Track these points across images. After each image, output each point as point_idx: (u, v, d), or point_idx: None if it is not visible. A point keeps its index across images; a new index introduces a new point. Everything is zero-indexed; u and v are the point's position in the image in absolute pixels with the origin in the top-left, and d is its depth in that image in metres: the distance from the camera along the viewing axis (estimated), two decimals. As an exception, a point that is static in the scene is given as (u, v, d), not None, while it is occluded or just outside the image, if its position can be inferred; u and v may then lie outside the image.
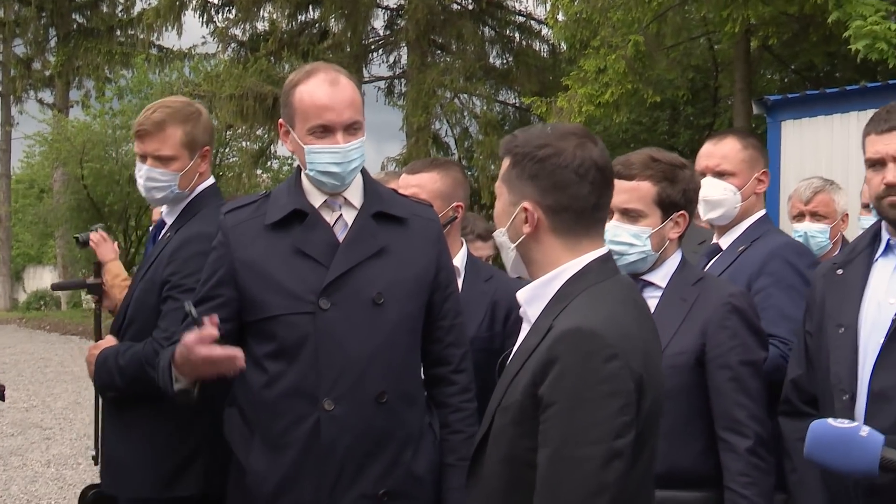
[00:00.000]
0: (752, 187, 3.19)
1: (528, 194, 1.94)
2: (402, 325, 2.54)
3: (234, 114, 17.82)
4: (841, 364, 2.44)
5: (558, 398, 1.77)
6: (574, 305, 1.88)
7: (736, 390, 2.47)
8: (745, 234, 3.17)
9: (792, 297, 2.89)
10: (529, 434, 1.82)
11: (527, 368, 1.86)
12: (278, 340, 2.46)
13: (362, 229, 2.54)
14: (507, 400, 1.90)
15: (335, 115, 2.48)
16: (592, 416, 1.75)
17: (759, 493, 2.42)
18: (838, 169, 9.28)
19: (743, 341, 2.51)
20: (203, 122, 3.06)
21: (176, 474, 2.85)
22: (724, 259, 3.14)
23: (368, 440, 2.46)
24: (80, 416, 10.25)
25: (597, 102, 13.01)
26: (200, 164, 3.06)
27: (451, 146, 19.88)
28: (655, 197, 2.58)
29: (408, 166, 3.36)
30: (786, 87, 16.40)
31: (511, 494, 1.88)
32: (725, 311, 2.52)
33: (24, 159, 29.36)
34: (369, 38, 20.45)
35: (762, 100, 10.82)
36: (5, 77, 27.92)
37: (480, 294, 3.15)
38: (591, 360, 1.77)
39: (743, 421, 2.46)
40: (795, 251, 3.08)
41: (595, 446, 1.74)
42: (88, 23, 26.33)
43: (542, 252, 1.97)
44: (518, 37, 20.37)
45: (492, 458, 1.93)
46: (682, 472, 2.48)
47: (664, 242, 2.62)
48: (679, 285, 2.61)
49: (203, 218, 2.99)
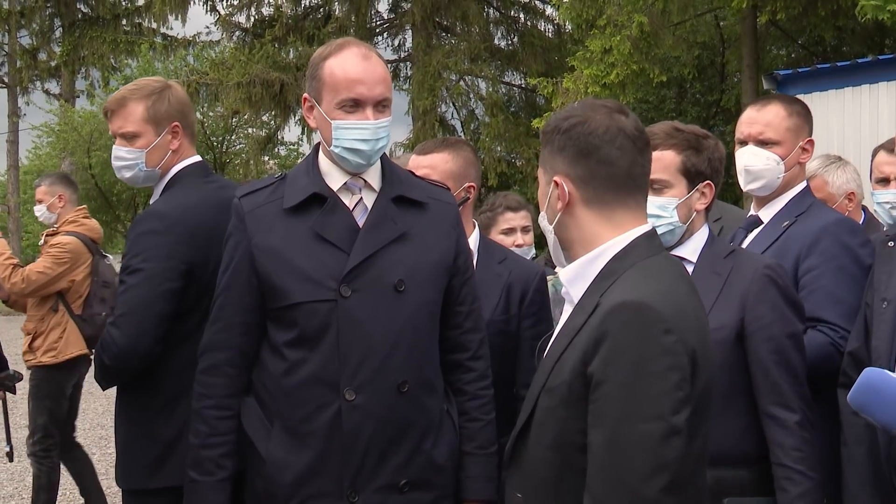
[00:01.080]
0: (796, 157, 3.02)
1: (559, 168, 1.91)
2: (423, 311, 2.50)
3: (242, 101, 17.85)
4: (881, 338, 2.42)
5: (612, 375, 1.71)
6: (623, 280, 1.82)
7: (779, 363, 2.41)
8: (787, 207, 3.01)
9: (843, 279, 2.77)
10: (579, 415, 1.77)
11: (574, 347, 1.81)
12: (299, 328, 2.42)
13: (383, 214, 2.49)
14: (553, 381, 1.84)
15: (367, 89, 2.41)
16: (649, 392, 1.69)
17: (811, 468, 2.37)
18: (850, 142, 9.31)
19: (783, 313, 2.45)
20: (170, 98, 3.00)
21: (157, 464, 2.83)
22: (768, 234, 2.98)
23: (390, 429, 2.43)
24: (93, 406, 10.23)
25: (602, 83, 12.98)
26: (171, 140, 2.99)
27: (457, 128, 19.89)
28: (680, 166, 2.53)
29: (418, 147, 3.29)
30: (793, 62, 16.33)
31: (561, 481, 1.82)
32: (764, 283, 2.45)
33: (32, 150, 29.42)
34: (374, 22, 20.44)
35: (772, 74, 10.84)
36: (11, 68, 27.95)
37: (495, 276, 3.10)
38: (645, 334, 1.71)
39: (790, 395, 2.40)
40: (848, 229, 2.90)
41: (653, 422, 1.68)
42: (93, 12, 26.34)
43: (577, 228, 1.92)
44: (523, 17, 20.36)
45: (538, 444, 1.87)
46: (726, 450, 2.42)
47: (691, 214, 2.56)
48: (710, 259, 2.55)
49: (167, 196, 2.96)
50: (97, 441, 8.58)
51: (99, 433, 8.92)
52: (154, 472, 2.82)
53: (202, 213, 2.84)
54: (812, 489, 2.34)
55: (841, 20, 13.17)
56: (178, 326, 2.80)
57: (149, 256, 2.75)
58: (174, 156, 3.01)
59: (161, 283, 2.73)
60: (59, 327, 5.50)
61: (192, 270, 2.78)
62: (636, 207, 1.92)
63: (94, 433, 8.94)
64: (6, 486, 6.97)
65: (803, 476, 2.34)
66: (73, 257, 5.49)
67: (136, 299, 2.74)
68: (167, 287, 2.74)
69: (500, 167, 16.35)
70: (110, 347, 2.74)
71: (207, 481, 2.45)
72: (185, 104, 3.06)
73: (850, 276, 2.77)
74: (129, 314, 2.73)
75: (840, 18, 13.20)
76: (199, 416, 2.49)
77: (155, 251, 2.75)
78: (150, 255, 2.75)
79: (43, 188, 5.78)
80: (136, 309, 2.73)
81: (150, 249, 2.76)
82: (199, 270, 2.79)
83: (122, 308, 2.75)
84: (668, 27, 14.01)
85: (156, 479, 2.82)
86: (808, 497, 2.34)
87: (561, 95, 13.51)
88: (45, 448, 5.55)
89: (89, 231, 5.75)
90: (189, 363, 2.66)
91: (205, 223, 2.82)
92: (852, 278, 2.76)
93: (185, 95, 3.07)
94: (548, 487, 1.85)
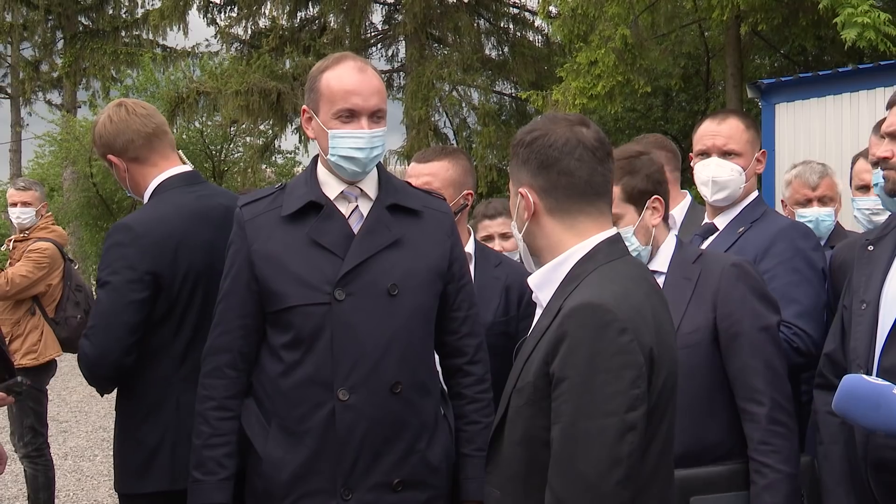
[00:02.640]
0: (754, 168, 3.14)
1: (524, 180, 1.99)
2: (417, 315, 2.55)
3: (240, 109, 17.86)
4: (859, 340, 2.43)
5: (570, 373, 1.77)
6: (584, 284, 1.89)
7: (752, 357, 2.43)
8: (742, 214, 3.10)
9: (797, 281, 2.85)
10: (544, 413, 1.82)
11: (538, 349, 1.87)
12: (294, 330, 2.47)
13: (377, 221, 2.54)
14: (522, 382, 1.90)
15: (362, 100, 2.49)
16: (604, 390, 1.74)
17: (781, 460, 2.38)
18: (832, 151, 9.35)
19: (753, 307, 2.48)
20: (95, 136, 3.02)
21: (143, 469, 2.85)
22: (723, 240, 3.06)
23: (383, 429, 2.47)
24: (96, 409, 10.34)
25: (589, 94, 13.22)
26: (117, 170, 3.03)
27: (450, 137, 20.09)
28: (622, 195, 2.56)
29: (418, 155, 3.35)
30: (776, 71, 16.54)
31: (530, 475, 1.87)
32: (731, 280, 2.49)
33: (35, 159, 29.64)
34: (368, 33, 20.61)
35: (756, 83, 10.87)
36: (14, 79, 28.16)
37: (493, 280, 3.18)
38: (601, 334, 1.77)
39: (760, 388, 2.42)
40: (801, 233, 3.00)
41: (608, 418, 1.73)
42: (94, 24, 26.54)
43: (544, 236, 1.99)
44: (513, 28, 20.46)
45: (509, 441, 1.93)
46: (710, 446, 2.45)
47: (650, 231, 2.59)
48: (680, 265, 2.58)
49: (142, 208, 2.97)
50: (99, 443, 8.73)
51: (101, 436, 9.03)
52: (141, 476, 2.85)
53: (171, 223, 2.84)
54: (779, 481, 2.36)
55: (822, 30, 13.44)
56: (154, 336, 2.84)
57: (116, 269, 2.78)
58: (136, 178, 3.02)
59: (126, 294, 2.76)
60: (37, 330, 5.67)
61: (159, 281, 2.79)
62: (598, 214, 1.99)
63: (97, 435, 9.07)
64: (10, 488, 7.13)
65: (770, 469, 2.37)
66: (52, 262, 5.71)
67: (104, 312, 2.78)
68: (132, 298, 2.76)
69: (491, 175, 16.63)
70: (83, 358, 2.81)
71: (210, 481, 2.51)
72: (107, 135, 2.99)
73: (803, 279, 2.86)
74: (97, 326, 2.79)
75: (821, 28, 13.47)
76: (202, 418, 2.55)
77: (120, 263, 2.78)
78: (116, 267, 2.78)
79: (37, 194, 5.96)
80: (103, 321, 2.78)
81: (117, 261, 2.78)
82: (166, 280, 2.80)
83: (92, 320, 2.82)
84: (654, 39, 14.24)
85: (144, 483, 2.85)
86: (773, 489, 2.36)
87: (551, 107, 13.72)
88: (38, 447, 5.70)
89: (59, 237, 5.96)
90: (168, 371, 2.82)
91: (174, 232, 2.83)
92: (806, 280, 2.85)
93: (107, 125, 3.00)
94: (518, 482, 1.91)
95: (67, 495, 7.04)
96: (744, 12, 13.40)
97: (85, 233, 21.88)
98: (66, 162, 22.16)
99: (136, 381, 2.88)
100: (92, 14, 26.75)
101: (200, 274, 2.84)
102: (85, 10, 26.77)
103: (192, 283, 2.83)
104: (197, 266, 2.83)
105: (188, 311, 2.84)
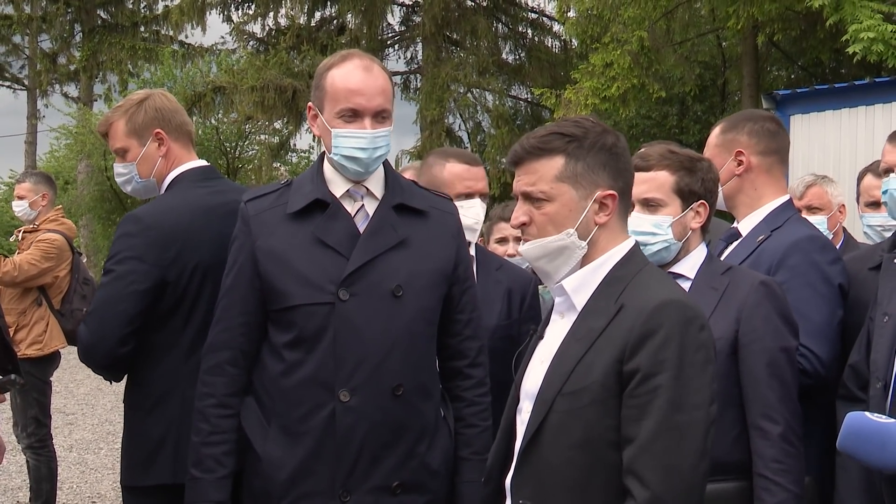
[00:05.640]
0: (731, 170, 3.02)
1: (602, 182, 1.96)
2: (420, 317, 2.52)
3: (255, 105, 17.94)
4: (879, 352, 2.42)
5: (662, 368, 1.80)
6: (641, 284, 1.92)
7: (771, 375, 2.42)
8: (765, 220, 2.98)
9: (810, 296, 2.74)
10: (612, 413, 1.84)
11: (599, 349, 1.87)
12: (297, 329, 2.45)
13: (383, 221, 2.51)
14: (576, 384, 1.88)
15: (365, 100, 2.46)
16: (692, 384, 1.81)
17: (791, 481, 2.36)
18: (846, 163, 9.35)
19: (776, 327, 2.47)
20: (148, 108, 3.00)
21: (148, 461, 2.84)
22: (744, 248, 2.96)
23: (384, 431, 2.45)
24: (102, 402, 10.31)
25: (602, 96, 13.25)
26: (158, 148, 3.00)
27: (464, 139, 20.15)
28: (674, 186, 2.58)
29: (454, 153, 3.32)
30: (793, 82, 16.54)
31: (591, 478, 1.87)
32: (759, 297, 2.48)
33: (50, 151, 29.79)
34: (385, 34, 20.73)
35: (771, 94, 10.90)
36: (32, 71, 28.29)
37: (495, 283, 3.17)
38: (687, 329, 1.83)
39: (775, 406, 2.41)
40: (819, 246, 2.85)
41: (697, 412, 1.80)
42: (113, 19, 26.64)
43: (605, 240, 1.99)
44: (530, 33, 20.55)
45: (560, 446, 1.89)
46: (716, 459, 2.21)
47: (686, 232, 2.60)
48: (708, 275, 2.58)
49: (153, 201, 2.97)
50: (105, 437, 8.70)
51: (107, 429, 9.01)
52: (146, 469, 2.84)
53: (181, 217, 2.84)
54: (788, 501, 2.34)
55: (838, 43, 13.43)
56: (162, 329, 2.84)
57: (122, 258, 2.78)
58: (166, 162, 3.02)
59: (129, 284, 2.75)
60: (43, 321, 5.68)
61: (165, 273, 2.79)
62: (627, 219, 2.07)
63: (103, 429, 9.04)
64: (15, 478, 7.07)
65: (780, 487, 2.35)
66: (59, 254, 5.69)
67: (104, 299, 2.80)
68: (134, 288, 2.75)
69: (504, 177, 16.66)
70: (80, 343, 2.83)
71: (208, 478, 2.49)
72: (167, 110, 3.03)
73: (817, 294, 2.74)
74: (95, 312, 2.81)
75: (837, 41, 13.46)
76: (201, 415, 2.52)
77: (127, 253, 2.78)
78: (122, 257, 2.78)
79: (27, 185, 5.92)
80: (102, 308, 2.79)
81: (123, 251, 2.79)
82: (173, 273, 2.80)
83: (92, 307, 2.84)
84: (670, 46, 14.26)
85: (148, 476, 2.84)
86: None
87: (563, 107, 13.76)
88: (41, 438, 5.70)
89: (69, 230, 5.95)
90: (175, 365, 2.81)
91: (181, 226, 2.82)
92: (820, 296, 2.74)
93: (166, 102, 3.05)
94: (574, 487, 1.88)
95: (71, 487, 7.02)
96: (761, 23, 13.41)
97: (97, 226, 21.94)
98: (81, 155, 22.22)
99: (143, 373, 2.88)
100: (111, 8, 26.86)
101: (209, 268, 2.81)
102: (104, 5, 26.88)
103: (201, 277, 2.82)
104: (206, 260, 2.81)
105: (196, 304, 2.82)
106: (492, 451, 2.20)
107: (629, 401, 1.83)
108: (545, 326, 2.14)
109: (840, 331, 2.78)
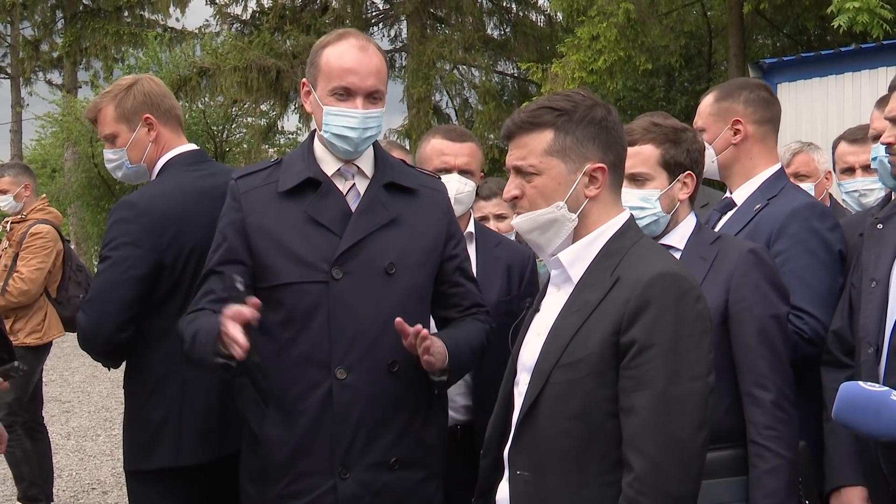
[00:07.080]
0: (727, 139, 3.00)
1: (591, 156, 1.98)
2: (413, 294, 2.54)
3: (239, 86, 17.83)
4: (869, 317, 2.43)
5: (658, 340, 1.83)
6: (637, 256, 1.94)
7: (761, 343, 2.43)
8: (760, 189, 2.96)
9: (811, 263, 2.74)
10: (609, 384, 1.86)
11: (595, 321, 1.90)
12: (287, 308, 2.46)
13: (374, 199, 2.53)
14: (573, 356, 1.90)
15: (358, 79, 2.48)
16: (689, 355, 1.83)
17: (784, 446, 2.37)
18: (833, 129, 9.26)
19: (766, 294, 2.47)
20: (137, 93, 3.01)
21: (149, 446, 2.86)
22: (740, 217, 2.94)
23: (380, 408, 2.46)
24: (98, 389, 10.34)
25: (589, 69, 13.22)
26: (148, 133, 3.01)
27: (451, 116, 20.09)
28: (659, 159, 2.58)
29: (442, 130, 3.30)
30: (779, 51, 16.51)
31: (588, 447, 1.89)
32: (747, 265, 2.48)
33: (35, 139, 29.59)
34: (370, 12, 20.61)
35: (758, 63, 10.95)
36: (14, 59, 28.04)
37: (494, 259, 3.19)
38: (682, 301, 1.86)
39: (766, 374, 2.41)
40: (818, 213, 2.84)
41: (695, 382, 1.83)
42: (94, 4, 26.42)
43: (597, 213, 2.00)
44: (515, 7, 20.41)
45: (558, 417, 1.91)
46: None
47: (674, 204, 2.61)
48: (697, 246, 2.59)
49: (146, 186, 2.98)
50: (102, 423, 8.73)
51: (104, 415, 9.04)
52: (148, 453, 2.87)
53: (174, 201, 2.86)
54: (781, 467, 2.35)
55: (823, 10, 13.40)
56: (159, 314, 2.85)
57: (117, 245, 2.80)
58: (156, 147, 3.03)
59: (125, 270, 2.78)
60: (42, 310, 5.72)
61: (161, 258, 2.81)
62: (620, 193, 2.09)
63: (99, 415, 9.06)
64: None
65: (773, 454, 2.35)
66: (54, 245, 5.71)
67: (101, 286, 2.82)
68: (131, 274, 2.78)
69: (492, 153, 16.64)
70: (79, 330, 2.85)
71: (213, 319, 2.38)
72: (155, 94, 3.03)
73: (818, 261, 2.75)
74: (93, 300, 2.83)
75: (822, 8, 13.43)
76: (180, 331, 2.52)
77: (122, 239, 2.80)
78: (117, 243, 2.80)
79: (8, 179, 5.92)
80: (100, 295, 2.82)
81: (118, 238, 2.80)
82: (169, 258, 2.82)
83: (90, 294, 2.87)
84: (656, 17, 14.22)
85: (149, 460, 2.86)
86: (776, 474, 2.35)
87: (549, 81, 13.73)
88: (9, 424, 5.62)
89: (55, 219, 5.97)
90: (173, 348, 2.73)
91: (177, 210, 2.84)
92: (821, 263, 2.74)
93: (155, 87, 3.06)
94: (570, 457, 1.91)
95: (70, 475, 7.04)
96: (746, -9, 13.38)
97: (86, 213, 21.86)
98: (67, 143, 22.10)
99: (141, 358, 2.90)
100: (92, -7, 26.63)
101: (204, 251, 2.76)
102: (85, -10, 26.65)
103: (196, 260, 2.81)
104: (201, 243, 2.80)
105: (192, 288, 2.79)
106: (490, 424, 2.21)
107: (626, 372, 1.85)
108: (541, 299, 2.16)
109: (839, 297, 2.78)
